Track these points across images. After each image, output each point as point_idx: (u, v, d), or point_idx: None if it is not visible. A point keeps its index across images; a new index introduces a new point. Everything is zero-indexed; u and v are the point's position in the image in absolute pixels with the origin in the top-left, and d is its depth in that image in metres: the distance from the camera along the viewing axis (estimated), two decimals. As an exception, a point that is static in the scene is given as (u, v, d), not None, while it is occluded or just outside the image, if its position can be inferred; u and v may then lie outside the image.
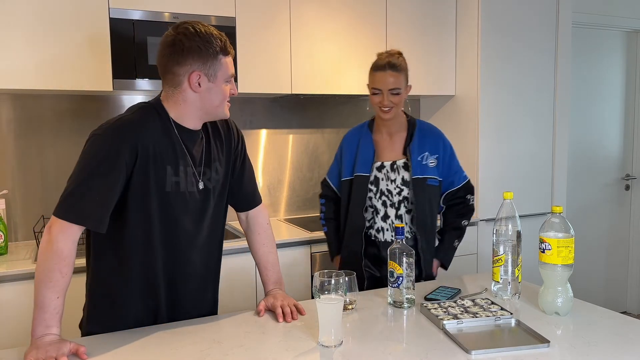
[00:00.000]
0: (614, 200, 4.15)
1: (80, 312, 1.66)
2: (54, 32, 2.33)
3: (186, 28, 1.43)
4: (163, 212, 1.47)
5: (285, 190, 3.25)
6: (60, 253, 1.36)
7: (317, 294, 1.36)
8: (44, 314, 1.32)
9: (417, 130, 2.07)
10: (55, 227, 1.37)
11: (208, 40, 1.42)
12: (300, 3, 2.83)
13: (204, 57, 1.42)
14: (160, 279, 1.51)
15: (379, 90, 1.98)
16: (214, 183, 1.57)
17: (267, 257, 1.73)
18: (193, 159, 1.51)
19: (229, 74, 1.48)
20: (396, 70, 1.97)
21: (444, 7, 3.22)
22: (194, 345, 1.37)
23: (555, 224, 1.54)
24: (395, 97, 1.98)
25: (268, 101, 3.17)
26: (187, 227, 1.51)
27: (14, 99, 2.61)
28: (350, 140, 2.15)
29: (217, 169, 1.58)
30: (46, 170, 2.68)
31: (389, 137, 2.10)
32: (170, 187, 1.46)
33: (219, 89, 1.47)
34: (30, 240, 2.63)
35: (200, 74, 1.43)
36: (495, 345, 1.33)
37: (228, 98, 1.51)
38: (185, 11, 2.55)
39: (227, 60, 1.47)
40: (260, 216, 1.76)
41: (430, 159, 2.05)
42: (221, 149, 1.60)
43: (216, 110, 1.50)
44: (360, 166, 2.07)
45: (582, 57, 3.86)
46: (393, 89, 1.96)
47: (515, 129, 3.24)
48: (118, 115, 1.48)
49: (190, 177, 1.50)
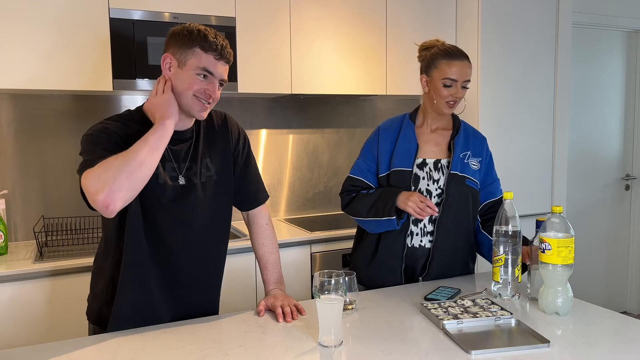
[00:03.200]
0: (614, 200, 4.15)
1: (83, 313, 1.66)
2: (53, 32, 2.33)
3: (187, 24, 1.52)
4: (142, 203, 1.48)
5: (285, 190, 3.25)
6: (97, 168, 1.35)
7: (317, 294, 1.36)
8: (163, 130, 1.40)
9: (462, 128, 1.91)
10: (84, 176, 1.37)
11: (190, 32, 1.48)
12: (300, 3, 2.83)
13: (179, 43, 1.48)
14: (150, 275, 1.51)
15: (454, 81, 1.78)
16: (203, 179, 1.57)
17: (267, 257, 1.73)
18: (175, 154, 1.53)
19: (199, 66, 1.46)
20: (469, 61, 1.81)
21: (444, 7, 3.22)
22: (194, 345, 1.37)
23: (555, 224, 1.54)
24: (464, 91, 1.82)
25: (268, 101, 3.17)
26: (170, 221, 1.52)
27: (14, 99, 2.61)
28: (389, 129, 1.91)
29: (207, 165, 1.58)
30: (46, 170, 2.68)
31: (434, 133, 1.90)
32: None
33: (185, 76, 1.47)
34: (30, 240, 2.63)
35: (172, 58, 1.49)
36: (495, 345, 1.33)
37: (203, 98, 1.48)
38: (185, 11, 2.55)
39: (205, 55, 1.47)
40: (259, 216, 1.76)
41: (472, 160, 1.87)
42: (216, 147, 1.61)
43: (180, 98, 1.48)
44: (400, 160, 1.85)
45: (582, 57, 3.86)
46: (467, 80, 1.80)
47: (515, 128, 3.24)
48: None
49: (169, 171, 1.52)
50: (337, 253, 2.73)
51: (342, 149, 3.38)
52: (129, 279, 1.50)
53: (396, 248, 1.87)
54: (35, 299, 2.17)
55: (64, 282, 2.21)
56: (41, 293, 2.18)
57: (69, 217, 2.67)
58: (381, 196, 1.82)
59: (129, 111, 1.57)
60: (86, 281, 1.66)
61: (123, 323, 1.49)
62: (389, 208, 1.79)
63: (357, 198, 1.89)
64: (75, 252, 2.37)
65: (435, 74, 1.82)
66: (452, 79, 1.79)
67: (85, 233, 2.61)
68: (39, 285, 2.17)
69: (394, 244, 1.87)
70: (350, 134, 3.40)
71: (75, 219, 2.67)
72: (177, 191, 1.53)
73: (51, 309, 2.19)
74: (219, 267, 1.69)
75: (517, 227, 1.64)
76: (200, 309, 1.62)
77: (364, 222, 1.89)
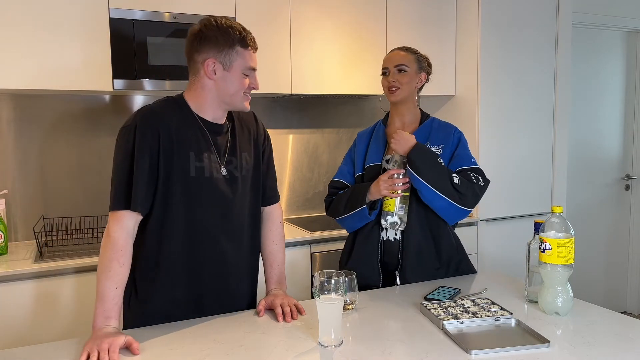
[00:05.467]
0: (614, 200, 4.15)
1: (83, 313, 1.66)
2: (53, 32, 2.33)
3: (208, 20, 1.53)
4: (187, 198, 1.51)
5: (285, 190, 3.25)
6: (116, 243, 1.43)
7: (317, 294, 1.36)
8: (104, 304, 1.39)
9: (427, 123, 1.98)
10: (110, 219, 1.46)
11: (225, 31, 1.50)
12: (300, 3, 2.83)
13: (220, 45, 1.49)
14: (180, 268, 1.53)
15: (386, 69, 1.95)
16: (243, 172, 1.61)
17: (275, 255, 1.75)
18: (217, 147, 1.56)
19: (246, 66, 1.52)
20: (406, 50, 1.95)
21: (444, 7, 3.22)
22: (194, 345, 1.37)
23: (555, 224, 1.54)
24: (402, 75, 1.91)
25: (268, 101, 3.17)
26: (213, 214, 1.54)
27: (14, 99, 2.61)
28: (363, 134, 2.07)
29: (246, 159, 1.62)
30: (46, 170, 2.68)
31: (402, 130, 1.96)
32: (194, 172, 1.51)
33: (234, 78, 1.52)
34: (30, 240, 2.63)
35: (215, 62, 1.50)
36: (495, 345, 1.33)
37: (248, 91, 1.56)
38: (186, 11, 2.55)
39: (246, 53, 1.52)
40: (275, 213, 1.78)
41: (431, 148, 1.91)
42: (249, 141, 1.65)
43: (232, 99, 1.54)
44: (372, 157, 1.98)
45: (582, 57, 3.86)
46: (399, 64, 1.92)
47: (515, 128, 3.24)
48: (141, 107, 1.55)
49: (214, 163, 1.54)
50: (337, 253, 2.72)
51: (342, 149, 3.38)
52: (167, 273, 1.53)
53: (371, 241, 1.94)
54: (35, 299, 2.17)
55: (64, 282, 2.21)
56: (41, 293, 2.18)
57: (69, 217, 2.67)
58: (353, 192, 1.94)
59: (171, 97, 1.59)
60: (86, 281, 1.66)
61: (168, 317, 1.52)
62: (360, 200, 1.88)
63: (335, 199, 2.01)
64: (75, 252, 2.37)
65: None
66: (384, 67, 1.96)
67: (85, 233, 2.61)
68: (39, 285, 2.17)
69: (368, 237, 1.94)
70: (350, 134, 3.40)
71: (75, 219, 2.67)
72: (221, 183, 1.55)
73: (51, 309, 2.19)
74: (257, 259, 1.72)
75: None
76: (242, 301, 1.65)
77: (342, 221, 1.99)
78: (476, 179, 1.87)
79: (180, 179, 1.50)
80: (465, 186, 1.83)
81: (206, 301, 1.58)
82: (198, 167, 1.51)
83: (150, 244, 1.52)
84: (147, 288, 1.54)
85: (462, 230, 3.08)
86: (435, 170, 1.82)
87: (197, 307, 1.56)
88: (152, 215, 1.50)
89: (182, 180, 1.50)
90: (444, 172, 1.83)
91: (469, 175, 1.87)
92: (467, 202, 1.84)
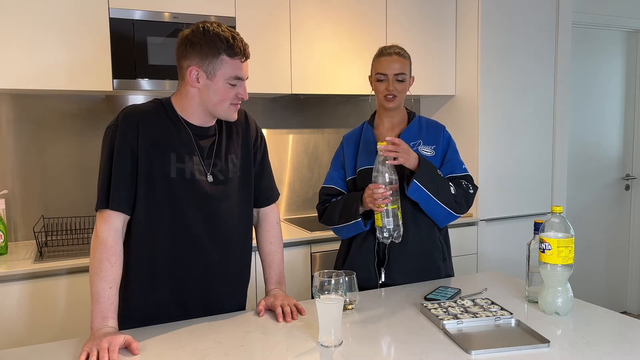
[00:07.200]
0: (614, 200, 4.15)
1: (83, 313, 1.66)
2: (53, 32, 2.33)
3: (197, 26, 1.48)
4: (169, 199, 1.49)
5: (285, 190, 3.25)
6: (105, 242, 1.43)
7: (317, 294, 1.36)
8: (99, 305, 1.39)
9: (415, 121, 1.99)
10: (98, 220, 1.47)
11: (211, 39, 1.45)
12: (300, 3, 2.83)
13: (204, 54, 1.45)
14: (164, 270, 1.52)
15: (384, 75, 1.91)
16: (230, 175, 1.58)
17: (273, 256, 1.73)
18: (201, 150, 1.54)
19: (231, 75, 1.48)
20: (402, 56, 1.93)
21: (444, 7, 3.22)
22: (194, 345, 1.37)
23: (555, 224, 1.54)
24: (401, 84, 1.91)
25: (268, 101, 3.17)
26: (197, 216, 1.53)
27: (14, 99, 2.61)
28: (351, 137, 2.05)
29: (232, 161, 1.60)
30: (46, 170, 2.68)
31: (390, 131, 2.00)
32: (174, 173, 1.49)
33: (217, 88, 1.48)
34: (30, 240, 2.63)
35: (198, 70, 1.47)
36: (495, 345, 1.33)
37: (235, 101, 1.52)
38: (185, 11, 2.55)
39: (233, 62, 1.47)
40: (271, 214, 1.76)
41: (424, 147, 1.93)
42: (237, 142, 1.63)
43: (215, 108, 1.52)
44: (363, 160, 1.96)
45: (582, 57, 3.86)
46: (399, 74, 1.90)
47: (515, 128, 3.24)
48: (125, 107, 1.55)
49: (197, 165, 1.53)
50: (337, 253, 2.73)
51: (342, 149, 3.38)
52: (150, 275, 1.52)
53: (367, 246, 1.94)
54: (35, 299, 2.17)
55: (64, 282, 2.21)
56: (41, 293, 2.18)
57: (69, 217, 2.67)
58: (347, 202, 1.92)
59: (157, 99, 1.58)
60: (86, 281, 1.66)
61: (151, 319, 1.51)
62: (354, 211, 1.87)
63: (329, 208, 1.99)
64: (75, 252, 2.37)
65: (372, 72, 1.98)
66: (381, 73, 1.92)
67: (85, 233, 2.61)
68: (39, 285, 2.17)
69: (363, 243, 1.95)
70: (350, 134, 3.40)
71: (75, 219, 2.67)
72: (205, 186, 1.53)
73: (51, 309, 2.19)
74: (247, 263, 1.70)
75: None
76: (229, 305, 1.63)
77: (337, 230, 1.99)
78: (466, 187, 1.92)
79: (161, 179, 1.48)
80: (461, 195, 1.89)
81: (190, 304, 1.56)
82: (179, 169, 1.49)
83: (135, 245, 1.51)
84: (130, 290, 1.52)
85: (462, 230, 3.08)
86: (440, 182, 1.85)
87: (181, 311, 1.54)
88: (136, 215, 1.49)
89: (163, 180, 1.48)
90: (446, 184, 1.87)
91: (461, 183, 1.92)
92: (462, 210, 1.91)
